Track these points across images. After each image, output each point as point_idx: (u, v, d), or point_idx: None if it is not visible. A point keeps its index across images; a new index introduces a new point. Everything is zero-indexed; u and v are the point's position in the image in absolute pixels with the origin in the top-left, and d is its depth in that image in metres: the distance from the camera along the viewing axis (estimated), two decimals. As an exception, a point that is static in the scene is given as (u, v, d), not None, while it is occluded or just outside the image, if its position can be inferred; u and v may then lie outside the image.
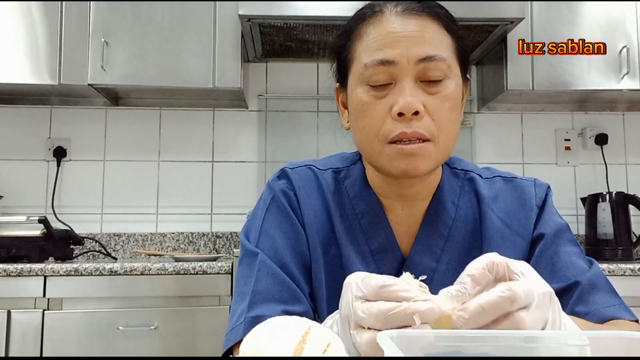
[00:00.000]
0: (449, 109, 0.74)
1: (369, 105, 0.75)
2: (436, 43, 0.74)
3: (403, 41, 0.73)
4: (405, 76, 0.73)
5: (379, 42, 0.74)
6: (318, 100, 2.57)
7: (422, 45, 0.73)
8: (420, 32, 0.74)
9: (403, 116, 0.72)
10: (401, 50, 0.72)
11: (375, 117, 0.74)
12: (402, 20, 0.74)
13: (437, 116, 0.73)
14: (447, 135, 0.75)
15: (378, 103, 0.74)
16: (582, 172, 2.61)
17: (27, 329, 1.79)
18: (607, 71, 2.26)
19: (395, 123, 0.72)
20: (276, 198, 0.84)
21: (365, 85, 0.75)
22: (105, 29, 2.20)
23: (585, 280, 0.76)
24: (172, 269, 1.85)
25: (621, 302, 0.77)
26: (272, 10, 2.05)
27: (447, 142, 0.75)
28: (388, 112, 0.73)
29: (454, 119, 0.76)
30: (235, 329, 0.75)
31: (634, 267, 1.88)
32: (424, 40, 0.73)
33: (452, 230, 0.82)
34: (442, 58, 0.73)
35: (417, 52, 0.72)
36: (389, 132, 0.73)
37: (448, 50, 0.75)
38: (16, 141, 2.48)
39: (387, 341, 0.41)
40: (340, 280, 0.80)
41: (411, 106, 0.71)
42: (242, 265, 0.81)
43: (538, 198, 0.85)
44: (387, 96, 0.74)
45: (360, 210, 0.83)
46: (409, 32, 0.73)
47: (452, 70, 0.75)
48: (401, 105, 0.71)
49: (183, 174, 2.52)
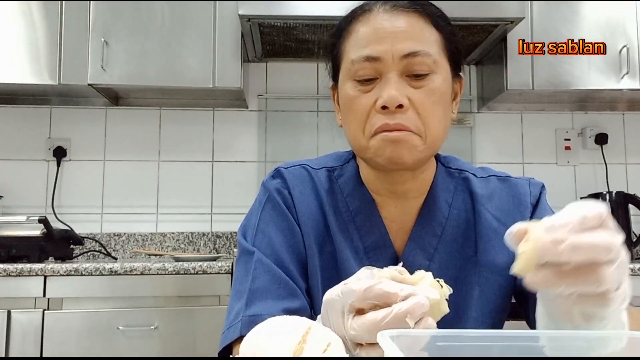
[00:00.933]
0: (434, 103, 0.75)
1: (355, 100, 0.76)
2: (421, 39, 0.75)
3: (389, 37, 0.74)
4: (390, 71, 0.74)
5: (366, 38, 0.76)
6: (318, 100, 2.57)
7: (407, 41, 0.74)
8: (406, 28, 0.75)
9: (387, 109, 0.73)
10: (386, 46, 0.74)
11: (360, 111, 0.76)
12: (389, 17, 0.76)
13: (422, 110, 0.74)
14: (434, 130, 0.75)
15: (364, 97, 0.75)
16: (582, 171, 2.61)
17: (27, 329, 1.79)
18: (607, 71, 2.26)
19: (380, 116, 0.74)
20: (271, 197, 0.85)
21: (352, 81, 0.77)
22: (105, 29, 2.20)
23: None
24: (172, 268, 1.85)
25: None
26: (272, 10, 2.05)
27: (434, 137, 0.76)
28: (373, 106, 0.74)
29: (440, 113, 0.76)
30: (233, 327, 0.75)
31: (634, 267, 1.88)
32: (409, 36, 0.75)
33: (445, 229, 0.82)
34: (426, 53, 0.74)
35: (401, 47, 0.74)
36: (373, 126, 0.74)
37: (435, 46, 0.76)
38: (16, 141, 2.48)
39: (387, 341, 0.41)
40: (336, 276, 0.81)
41: (394, 99, 0.72)
42: (239, 264, 0.82)
43: (532, 196, 0.85)
44: (372, 90, 0.75)
45: (354, 208, 0.84)
46: (395, 28, 0.75)
47: (438, 66, 0.76)
48: (385, 99, 0.73)
49: (183, 174, 2.52)
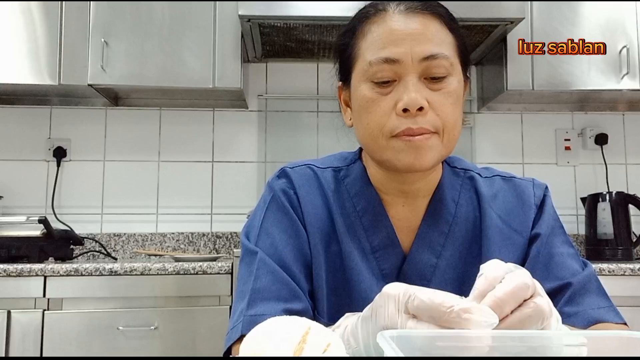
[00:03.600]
0: (452, 105, 0.75)
1: (374, 102, 0.76)
2: (439, 41, 0.75)
3: (407, 39, 0.74)
4: (409, 73, 0.74)
5: (383, 40, 0.75)
6: (318, 100, 2.57)
7: (426, 44, 0.74)
8: (423, 31, 0.75)
9: (408, 112, 0.73)
10: (405, 48, 0.74)
11: (379, 113, 0.75)
12: (405, 19, 0.76)
13: (441, 111, 0.74)
14: (452, 130, 0.76)
15: (383, 100, 0.75)
16: (582, 172, 2.61)
17: (27, 329, 1.79)
18: (607, 71, 2.26)
19: (400, 119, 0.73)
20: (276, 197, 0.84)
21: (369, 82, 0.76)
22: (105, 29, 2.20)
23: (577, 282, 0.77)
24: (172, 269, 1.85)
25: (610, 305, 0.78)
26: (272, 10, 2.05)
27: (451, 137, 0.76)
28: (392, 109, 0.74)
29: (457, 114, 0.77)
30: (235, 327, 0.75)
31: (634, 267, 1.88)
32: (427, 38, 0.74)
33: (452, 227, 0.82)
34: (445, 56, 0.74)
35: (420, 50, 0.74)
36: (394, 128, 0.74)
37: (450, 49, 0.77)
38: (16, 141, 2.48)
39: (387, 341, 0.41)
40: (342, 276, 0.81)
41: (416, 102, 0.72)
42: (242, 264, 0.82)
43: (537, 197, 0.86)
44: (391, 93, 0.75)
45: (361, 208, 0.83)
46: (412, 30, 0.75)
47: (454, 68, 0.76)
48: (406, 102, 0.72)
49: (183, 174, 2.52)
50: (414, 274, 0.80)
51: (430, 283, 0.80)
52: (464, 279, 0.80)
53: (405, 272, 0.81)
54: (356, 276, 0.80)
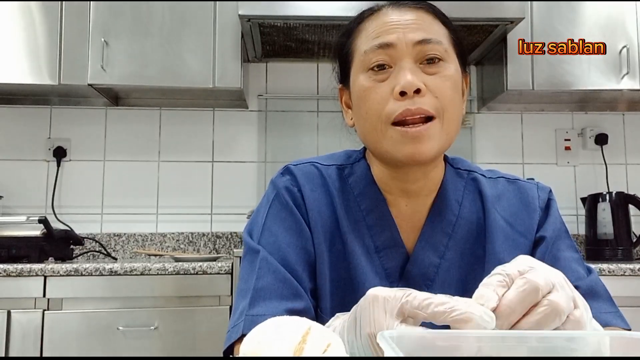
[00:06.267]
0: (451, 90, 0.76)
1: (371, 90, 0.76)
2: (431, 30, 0.77)
3: (400, 27, 0.76)
4: (404, 58, 0.75)
5: (377, 31, 0.77)
6: (318, 100, 2.57)
7: (418, 31, 0.76)
8: (416, 21, 0.77)
9: (405, 95, 0.73)
10: (398, 34, 0.76)
11: (377, 100, 0.76)
12: (398, 12, 0.78)
13: (440, 94, 0.75)
14: (452, 115, 0.76)
15: (379, 86, 0.76)
16: (582, 172, 2.61)
17: (27, 329, 1.79)
18: (607, 71, 2.26)
19: (398, 102, 0.74)
20: (279, 194, 0.84)
21: (366, 72, 0.77)
22: (105, 29, 2.20)
23: (584, 286, 0.77)
24: (172, 269, 1.85)
25: (617, 310, 0.78)
26: (272, 10, 2.05)
27: (450, 122, 0.76)
28: (390, 94, 0.75)
29: (457, 100, 0.77)
30: (236, 326, 0.75)
31: (634, 267, 1.88)
32: (420, 27, 0.77)
33: (455, 228, 0.82)
34: (438, 41, 0.76)
35: (413, 36, 0.75)
36: (392, 112, 0.74)
37: (444, 38, 0.78)
38: (16, 141, 2.48)
39: (387, 341, 0.41)
40: (345, 275, 0.81)
41: (413, 84, 0.73)
42: (245, 262, 0.81)
43: (541, 200, 0.85)
44: (388, 79, 0.76)
45: (365, 207, 0.83)
46: (405, 20, 0.77)
47: (449, 55, 0.77)
48: (402, 84, 0.73)
49: (183, 174, 2.52)
50: (417, 274, 0.80)
51: (433, 283, 0.80)
52: (467, 280, 0.80)
53: (408, 272, 0.80)
54: (360, 274, 0.80)
